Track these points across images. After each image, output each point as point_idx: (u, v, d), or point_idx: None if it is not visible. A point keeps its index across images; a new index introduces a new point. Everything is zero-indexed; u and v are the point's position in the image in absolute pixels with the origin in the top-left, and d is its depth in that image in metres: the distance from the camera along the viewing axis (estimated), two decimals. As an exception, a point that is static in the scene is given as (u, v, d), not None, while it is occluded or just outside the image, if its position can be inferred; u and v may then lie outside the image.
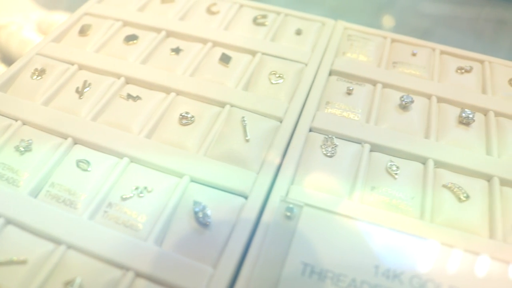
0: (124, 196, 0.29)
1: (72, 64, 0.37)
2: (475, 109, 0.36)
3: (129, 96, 0.35)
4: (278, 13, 0.43)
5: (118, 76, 0.37)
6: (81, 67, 0.37)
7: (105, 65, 0.37)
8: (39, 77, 0.36)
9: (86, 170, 0.31)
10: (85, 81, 0.36)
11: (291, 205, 0.28)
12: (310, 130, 0.34)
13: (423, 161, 0.33)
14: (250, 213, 0.28)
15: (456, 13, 0.86)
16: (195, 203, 0.29)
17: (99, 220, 0.28)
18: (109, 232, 0.27)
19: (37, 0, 0.79)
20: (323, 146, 0.32)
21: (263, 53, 0.39)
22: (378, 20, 0.85)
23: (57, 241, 0.27)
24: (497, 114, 0.36)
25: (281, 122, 0.34)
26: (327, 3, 0.87)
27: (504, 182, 0.32)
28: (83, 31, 0.40)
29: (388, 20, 0.86)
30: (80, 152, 0.32)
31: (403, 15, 0.85)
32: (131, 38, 0.39)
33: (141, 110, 0.34)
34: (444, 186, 0.31)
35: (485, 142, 0.34)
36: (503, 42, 0.81)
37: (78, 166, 0.31)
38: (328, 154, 0.32)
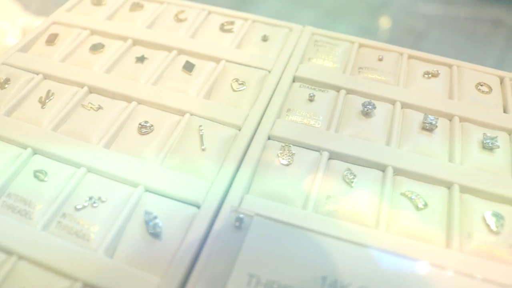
0: (77, 206, 0.29)
1: (37, 73, 0.38)
2: (440, 114, 0.36)
3: (91, 106, 0.35)
4: (246, 20, 0.43)
5: (81, 86, 0.37)
6: (46, 77, 0.38)
7: (69, 74, 0.37)
8: (6, 86, 0.37)
9: (43, 180, 0.31)
10: (49, 91, 0.36)
11: (241, 215, 0.28)
12: (269, 138, 0.34)
13: (383, 168, 0.32)
14: (202, 223, 0.28)
15: (450, 13, 0.85)
16: (146, 213, 0.29)
17: (52, 231, 0.29)
18: (60, 242, 0.27)
19: (28, 7, 0.80)
20: (279, 154, 0.32)
21: (227, 60, 0.39)
22: (372, 22, 0.84)
23: (8, 252, 0.27)
24: (462, 119, 0.36)
25: (239, 130, 0.34)
26: (321, 7, 0.87)
27: (464, 189, 0.31)
28: (50, 40, 0.40)
29: (382, 22, 0.86)
30: (39, 162, 0.32)
31: (397, 16, 0.85)
32: (97, 47, 0.40)
33: (102, 120, 0.34)
34: (402, 194, 0.31)
35: (448, 149, 0.34)
36: (497, 43, 0.80)
37: (35, 176, 0.31)
38: (285, 162, 0.32)
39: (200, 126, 0.33)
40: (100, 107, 0.35)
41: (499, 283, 0.26)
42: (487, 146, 0.33)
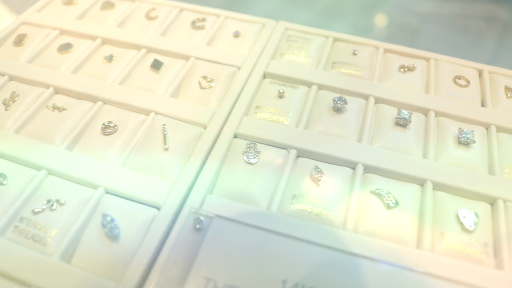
0: (35, 210, 0.28)
1: (3, 75, 0.37)
2: (415, 109, 0.35)
3: (55, 107, 0.34)
4: (218, 16, 0.42)
5: (47, 86, 0.36)
6: (11, 78, 0.37)
7: (35, 75, 0.36)
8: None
9: (2, 183, 0.30)
10: (13, 92, 0.35)
11: (201, 217, 0.27)
12: (236, 137, 0.33)
13: (353, 166, 0.31)
14: (161, 225, 0.27)
15: (444, 10, 0.84)
16: (104, 215, 0.28)
17: (8, 236, 0.28)
18: (16, 248, 0.27)
19: (19, 11, 0.80)
20: (245, 153, 0.31)
21: (197, 58, 0.38)
22: (367, 20, 0.83)
23: (-38, 259, 0.26)
24: (438, 114, 0.34)
25: (205, 128, 0.33)
26: (316, 6, 0.86)
27: (437, 186, 0.30)
28: (18, 41, 0.40)
29: (377, 20, 0.85)
30: (-1, 165, 0.31)
31: (392, 14, 0.84)
32: (65, 47, 0.39)
33: (66, 121, 0.33)
34: (372, 192, 0.30)
35: (423, 145, 0.33)
36: (490, 38, 0.79)
37: (-6, 179, 0.30)
38: (250, 161, 0.31)
39: (164, 125, 0.32)
40: (64, 108, 0.34)
41: (471, 284, 0.25)
42: (463, 141, 0.32)
